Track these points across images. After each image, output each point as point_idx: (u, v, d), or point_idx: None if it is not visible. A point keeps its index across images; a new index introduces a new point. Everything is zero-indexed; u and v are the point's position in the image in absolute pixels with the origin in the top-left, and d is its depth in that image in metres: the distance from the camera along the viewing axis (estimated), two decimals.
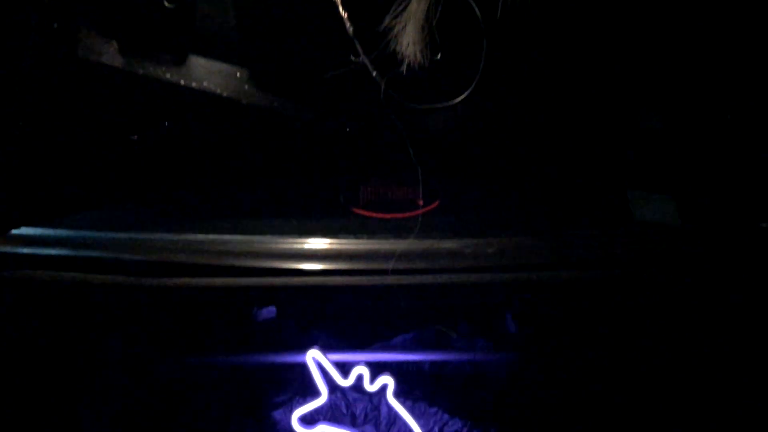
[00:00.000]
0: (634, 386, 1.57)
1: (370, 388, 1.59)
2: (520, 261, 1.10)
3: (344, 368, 1.64)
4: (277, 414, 1.85)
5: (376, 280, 1.09)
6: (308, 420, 1.82)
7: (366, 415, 1.89)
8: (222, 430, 1.73)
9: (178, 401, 1.72)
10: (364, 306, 1.91)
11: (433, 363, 1.93)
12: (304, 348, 1.61)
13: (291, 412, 1.70)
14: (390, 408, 1.88)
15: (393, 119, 0.98)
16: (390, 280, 1.09)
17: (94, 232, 1.20)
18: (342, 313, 1.96)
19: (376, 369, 1.61)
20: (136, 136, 1.10)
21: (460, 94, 0.94)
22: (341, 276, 1.09)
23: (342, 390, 1.90)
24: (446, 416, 1.81)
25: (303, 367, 1.80)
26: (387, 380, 1.58)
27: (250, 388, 1.87)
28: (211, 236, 1.16)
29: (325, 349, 1.61)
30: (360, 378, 1.59)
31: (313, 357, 1.58)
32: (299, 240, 1.13)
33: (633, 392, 1.57)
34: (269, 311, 1.95)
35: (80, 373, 1.53)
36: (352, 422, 1.88)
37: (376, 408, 1.90)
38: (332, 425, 1.69)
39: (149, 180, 1.29)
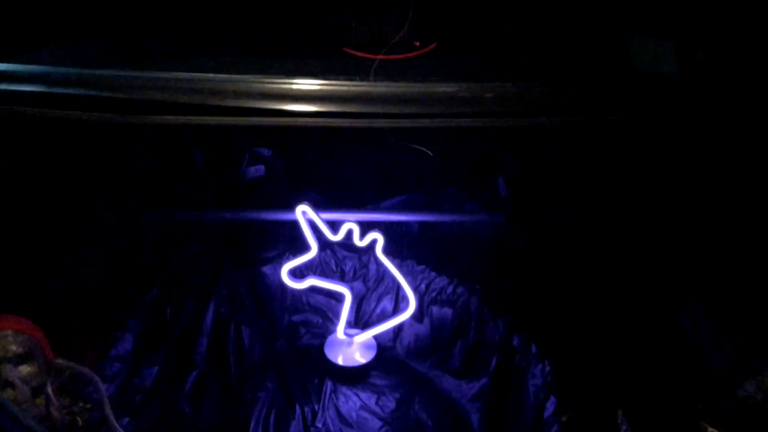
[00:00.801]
0: (623, 246, 1.59)
1: (360, 243, 1.60)
2: (518, 107, 1.05)
3: (334, 227, 1.63)
4: (267, 269, 1.88)
5: (368, 123, 1.04)
6: (298, 275, 1.85)
7: (355, 272, 1.93)
8: (211, 285, 1.75)
9: (165, 256, 1.72)
10: (356, 159, 1.89)
11: (422, 224, 1.94)
12: (293, 206, 1.59)
13: (281, 266, 1.71)
14: (378, 266, 1.92)
15: None
16: (382, 123, 1.04)
17: (70, 68, 1.13)
18: (333, 172, 1.94)
19: (366, 228, 1.61)
20: None
21: None
22: (332, 118, 1.04)
23: (331, 247, 1.93)
24: (433, 274, 1.86)
25: (292, 226, 1.81)
26: (376, 236, 1.59)
27: (240, 245, 1.88)
28: (196, 75, 1.09)
29: (316, 207, 1.59)
30: (350, 234, 1.59)
31: (303, 211, 1.57)
32: (289, 80, 1.07)
33: (623, 252, 1.59)
34: (257, 170, 1.92)
35: (61, 224, 1.51)
36: (341, 278, 1.92)
37: (365, 266, 1.94)
38: (321, 278, 1.71)
39: (130, 16, 1.21)
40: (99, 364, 1.45)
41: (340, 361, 1.73)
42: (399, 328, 1.84)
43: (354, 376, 1.72)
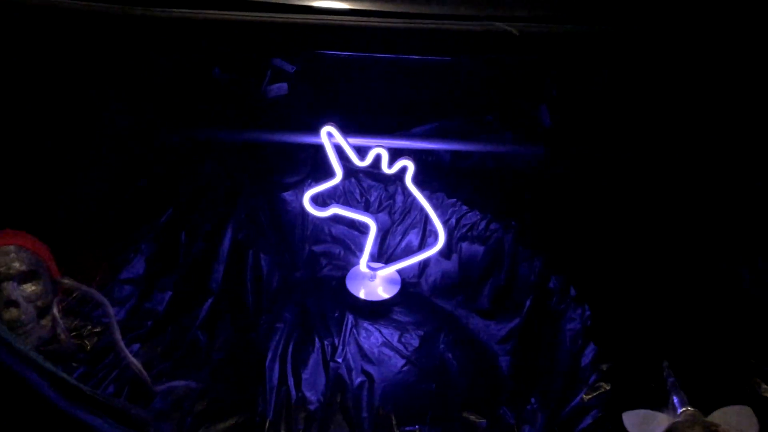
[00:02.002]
0: (680, 187, 1.44)
1: (388, 171, 1.47)
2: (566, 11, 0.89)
3: (361, 153, 1.50)
4: (288, 195, 1.77)
5: (400, 23, 0.89)
6: (320, 202, 1.75)
7: (380, 203, 1.81)
8: (229, 210, 1.65)
9: (181, 177, 1.62)
10: (386, 80, 1.73)
11: (454, 153, 1.80)
12: (317, 129, 1.46)
13: (302, 193, 1.60)
14: (406, 197, 1.80)
15: None
16: (417, 24, 0.89)
17: None
18: (361, 94, 1.78)
19: (395, 156, 1.48)
20: None
21: None
22: (366, 17, 0.89)
23: (356, 175, 1.81)
24: (465, 208, 1.73)
25: (316, 150, 1.70)
26: (406, 164, 1.46)
27: (260, 168, 1.76)
28: None
29: (342, 130, 1.46)
30: (377, 160, 1.47)
31: (328, 133, 1.43)
32: None
33: (679, 194, 1.45)
34: (280, 87, 1.77)
35: (72, 135, 1.40)
36: (366, 209, 1.81)
37: (392, 197, 1.82)
38: (345, 207, 1.60)
39: None
40: (108, 287, 1.37)
41: (362, 295, 1.64)
42: (425, 264, 1.74)
43: (376, 311, 1.64)
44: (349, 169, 1.57)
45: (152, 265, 1.47)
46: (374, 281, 1.68)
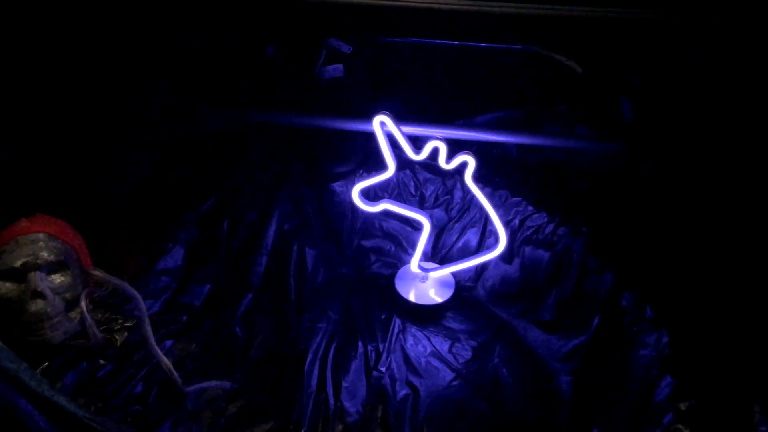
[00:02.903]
0: None
1: (446, 166, 1.33)
2: None
3: (417, 143, 1.37)
4: (338, 185, 1.67)
5: (467, 5, 0.75)
6: (371, 196, 1.64)
7: (437, 198, 1.68)
8: (274, 199, 1.55)
9: (225, 162, 1.53)
10: (448, 64, 1.59)
11: (521, 147, 1.64)
12: (372, 115, 1.33)
13: (353, 184, 1.48)
14: (465, 193, 1.66)
15: None
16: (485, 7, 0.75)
17: None
18: (420, 78, 1.65)
19: (455, 148, 1.33)
20: None
21: None
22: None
23: (412, 167, 1.69)
24: (530, 209, 1.58)
25: (369, 138, 1.57)
26: (467, 159, 1.31)
27: (309, 155, 1.66)
28: None
29: (398, 118, 1.32)
30: (435, 154, 1.33)
31: (381, 122, 1.30)
32: None
33: None
34: (336, 69, 1.65)
35: (109, 113, 1.32)
36: (420, 204, 1.68)
37: (449, 192, 1.68)
38: (397, 203, 1.47)
39: None
40: (143, 278, 1.30)
41: (411, 298, 1.52)
42: (482, 268, 1.60)
43: (426, 315, 1.51)
44: (404, 160, 1.45)
45: (191, 255, 1.40)
46: (426, 283, 1.56)
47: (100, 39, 1.29)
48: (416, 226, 1.66)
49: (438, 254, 1.65)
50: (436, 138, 1.32)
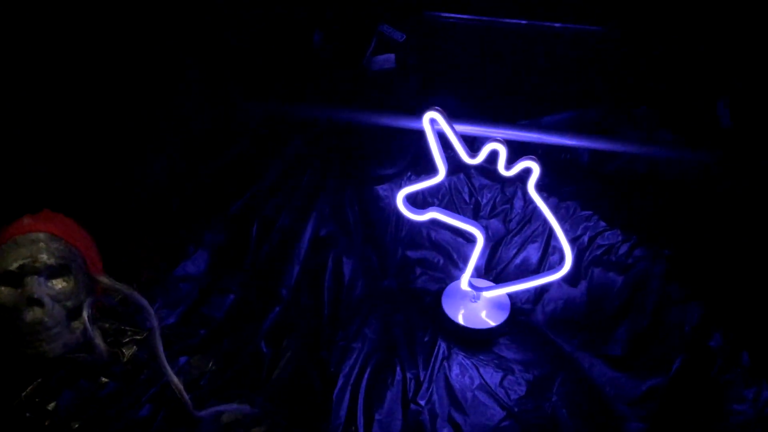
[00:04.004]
0: None
1: (506, 173, 1.14)
2: None
3: (473, 145, 1.19)
4: (383, 189, 1.52)
5: None
6: (419, 202, 1.48)
7: (494, 207, 1.50)
8: (311, 201, 1.43)
9: (259, 159, 1.41)
10: (512, 54, 1.42)
11: (594, 153, 1.45)
12: (424, 112, 1.16)
13: (398, 188, 1.32)
14: (527, 202, 1.48)
15: None
16: None
17: None
18: (480, 71, 1.48)
19: (517, 151, 1.15)
20: None
21: None
22: None
23: (467, 171, 1.51)
24: (602, 224, 1.38)
25: (419, 137, 1.42)
26: (530, 165, 1.12)
27: (351, 154, 1.53)
28: None
29: (452, 116, 1.15)
30: (493, 157, 1.15)
31: (431, 119, 1.13)
32: None
33: None
34: (387, 60, 1.50)
35: (135, 102, 1.21)
36: (475, 214, 1.51)
37: (509, 201, 1.50)
38: (447, 213, 1.29)
39: None
40: (160, 284, 1.18)
41: (460, 320, 1.36)
42: (543, 289, 1.41)
43: (476, 341, 1.34)
44: (458, 161, 1.28)
45: (215, 261, 1.28)
46: (477, 303, 1.40)
47: (131, 27, 1.19)
48: (469, 238, 1.49)
49: (492, 271, 1.48)
50: (496, 139, 1.14)
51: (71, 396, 0.99)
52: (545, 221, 1.42)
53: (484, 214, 1.50)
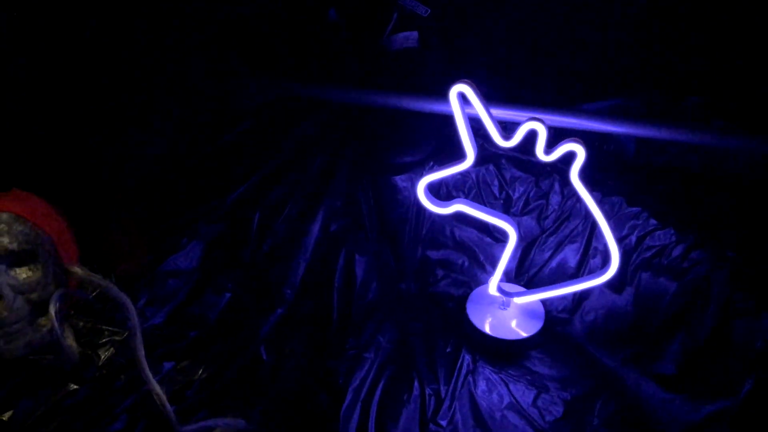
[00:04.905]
0: None
1: (546, 157, 0.99)
2: None
3: (506, 128, 1.04)
4: (401, 179, 1.40)
5: None
6: (442, 195, 1.34)
7: (527, 202, 1.36)
8: (321, 191, 1.33)
9: (265, 143, 1.33)
10: (549, 32, 1.30)
11: (642, 142, 1.31)
12: (448, 95, 1.03)
13: (419, 179, 1.19)
14: (564, 198, 1.34)
15: None
16: None
17: None
18: (513, 49, 1.35)
19: (557, 139, 1.01)
20: None
21: None
22: None
23: (497, 162, 1.38)
24: (652, 222, 1.23)
25: (444, 122, 1.30)
26: (575, 148, 0.97)
27: (367, 139, 1.42)
28: None
29: (483, 96, 1.00)
30: (530, 139, 0.99)
31: (460, 93, 0.98)
32: None
33: None
34: (408, 37, 1.39)
35: (132, 81, 1.09)
36: (506, 209, 1.37)
37: (544, 195, 1.36)
38: (475, 206, 1.15)
39: None
40: (146, 279, 1.06)
41: (487, 329, 1.22)
42: (582, 296, 1.27)
43: (505, 353, 1.21)
44: (487, 150, 1.14)
45: (210, 255, 1.18)
46: (507, 310, 1.26)
47: None
48: (499, 237, 1.36)
49: (524, 275, 1.35)
50: (535, 118, 0.98)
51: (30, 405, 0.86)
52: (586, 219, 1.29)
53: (516, 211, 1.37)
